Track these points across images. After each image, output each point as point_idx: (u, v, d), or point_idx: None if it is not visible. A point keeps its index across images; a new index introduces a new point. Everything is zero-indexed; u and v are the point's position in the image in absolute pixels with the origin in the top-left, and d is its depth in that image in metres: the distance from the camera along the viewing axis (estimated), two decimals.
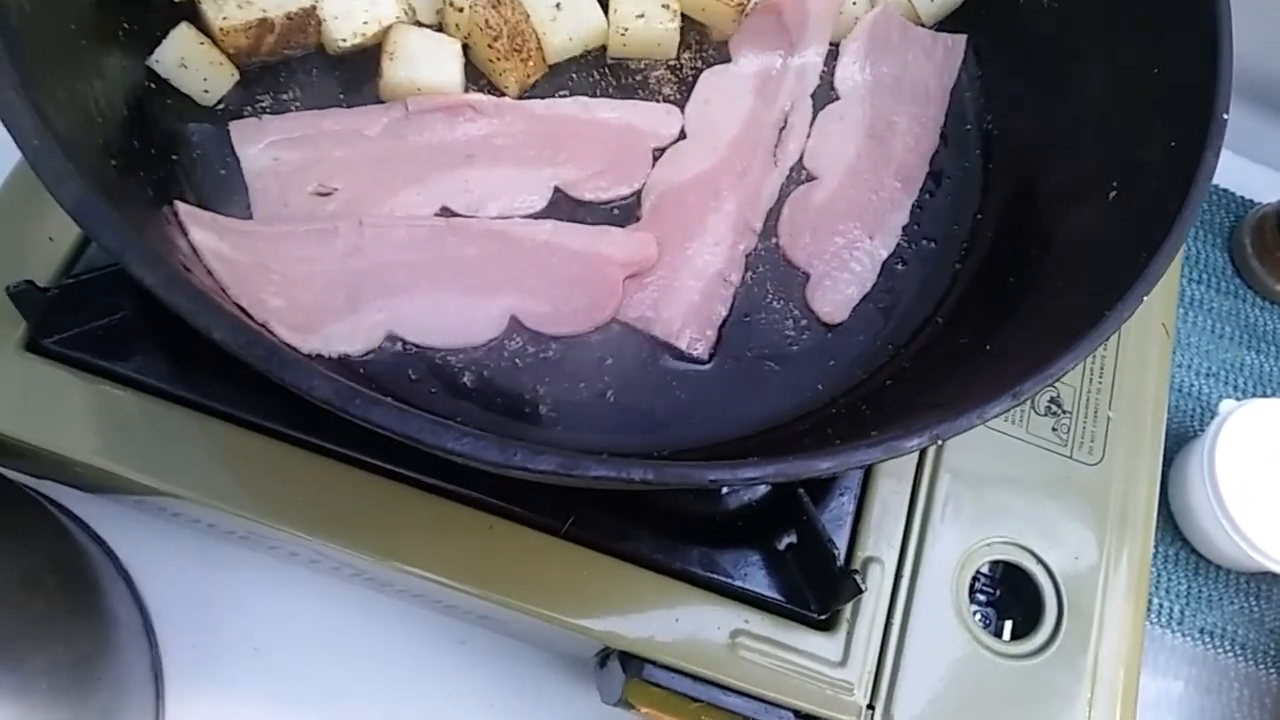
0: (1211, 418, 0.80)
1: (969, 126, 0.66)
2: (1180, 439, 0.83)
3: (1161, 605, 0.78)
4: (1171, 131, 0.48)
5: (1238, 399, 0.85)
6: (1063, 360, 0.40)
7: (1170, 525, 0.81)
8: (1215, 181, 0.93)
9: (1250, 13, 0.66)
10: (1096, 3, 0.58)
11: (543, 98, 0.63)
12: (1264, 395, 0.87)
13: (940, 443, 0.37)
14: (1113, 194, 0.50)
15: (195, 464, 0.54)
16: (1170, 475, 0.82)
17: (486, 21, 0.59)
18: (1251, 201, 0.93)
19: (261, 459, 0.55)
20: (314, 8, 0.58)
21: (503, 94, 0.62)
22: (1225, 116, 0.46)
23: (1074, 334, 0.42)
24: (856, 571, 0.54)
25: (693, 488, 0.53)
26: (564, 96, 0.63)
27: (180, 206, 0.51)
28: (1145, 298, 0.42)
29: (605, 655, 0.59)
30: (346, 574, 0.65)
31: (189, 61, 0.56)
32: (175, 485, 0.54)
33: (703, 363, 0.58)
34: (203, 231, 0.51)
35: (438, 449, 0.35)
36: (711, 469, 0.36)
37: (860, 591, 0.52)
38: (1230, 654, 0.77)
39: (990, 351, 0.49)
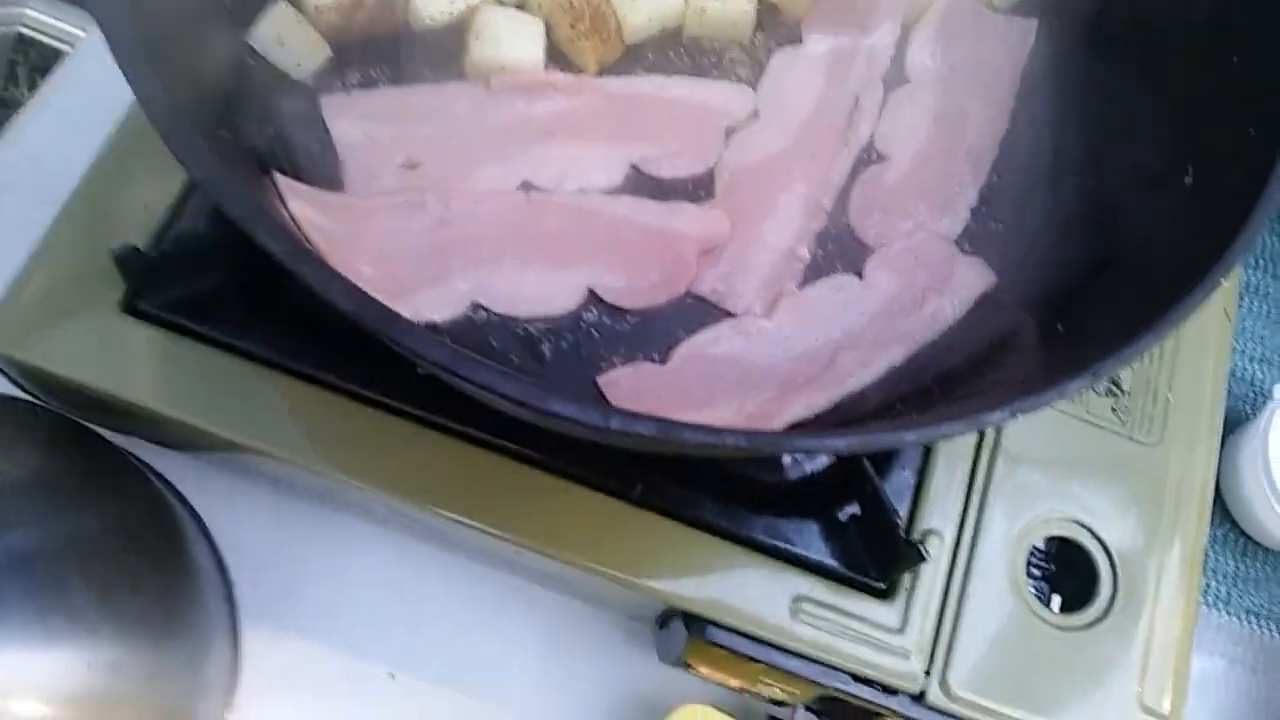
0: (1265, 402, 0.80)
1: (1040, 110, 0.67)
2: (1234, 423, 0.83)
3: (1209, 585, 0.79)
4: (1251, 121, 0.49)
5: None
6: (1143, 340, 0.41)
7: (1220, 507, 0.82)
8: None
9: None
10: None
11: (620, 76, 0.64)
12: None
13: (1018, 417, 0.38)
14: (1189, 180, 0.51)
15: (279, 422, 0.57)
16: (1223, 458, 0.82)
17: (569, 2, 0.61)
18: None
19: (342, 419, 0.57)
20: None
21: (582, 72, 0.63)
22: None
23: (1150, 316, 0.44)
24: (920, 541, 0.56)
25: (783, 453, 0.54)
26: (641, 75, 0.65)
27: (279, 179, 0.54)
28: (1224, 280, 0.43)
29: (667, 617, 0.61)
30: (419, 532, 0.68)
31: (285, 39, 0.59)
32: (261, 442, 0.56)
33: None
34: (301, 203, 0.53)
35: (541, 411, 0.37)
36: (800, 438, 0.37)
37: (923, 560, 0.54)
38: (1276, 634, 0.79)
39: (1062, 333, 0.50)
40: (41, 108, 0.80)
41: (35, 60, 1.06)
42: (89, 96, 0.79)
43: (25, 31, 0.96)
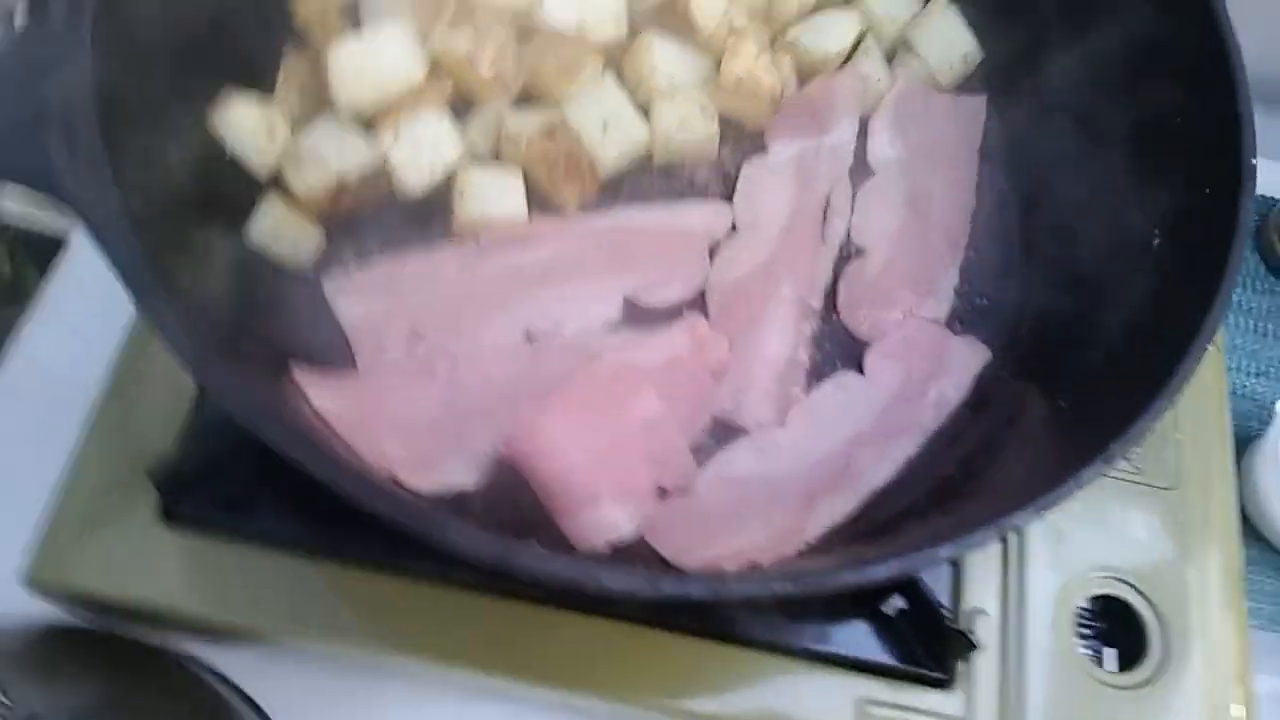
0: (1269, 415, 0.82)
1: (1003, 183, 0.69)
2: (1244, 440, 0.84)
3: (1254, 608, 0.79)
4: (1204, 178, 0.51)
5: None
6: (1147, 416, 0.43)
7: (1248, 527, 0.82)
8: None
9: (1268, 13, 0.68)
10: (1111, 54, 0.62)
11: (600, 210, 0.67)
12: None
13: (1043, 514, 0.40)
14: (1156, 242, 0.53)
15: (330, 611, 0.58)
16: (1240, 479, 0.83)
17: (544, 152, 0.63)
18: (1275, 199, 0.95)
19: (388, 597, 0.58)
20: (383, 160, 0.63)
21: (562, 210, 0.66)
22: (1254, 162, 0.49)
23: (1149, 386, 0.45)
24: (970, 631, 0.56)
25: (829, 591, 0.55)
26: (618, 205, 0.67)
27: (299, 377, 0.55)
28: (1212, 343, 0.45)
29: None
30: (479, 688, 0.67)
31: (280, 231, 0.61)
32: (315, 637, 0.58)
33: None
34: (320, 395, 0.54)
35: (595, 589, 0.38)
36: (842, 573, 0.39)
37: (973, 648, 0.55)
38: None
39: (1066, 408, 0.52)
40: (46, 308, 0.79)
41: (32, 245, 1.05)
42: (93, 293, 0.79)
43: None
